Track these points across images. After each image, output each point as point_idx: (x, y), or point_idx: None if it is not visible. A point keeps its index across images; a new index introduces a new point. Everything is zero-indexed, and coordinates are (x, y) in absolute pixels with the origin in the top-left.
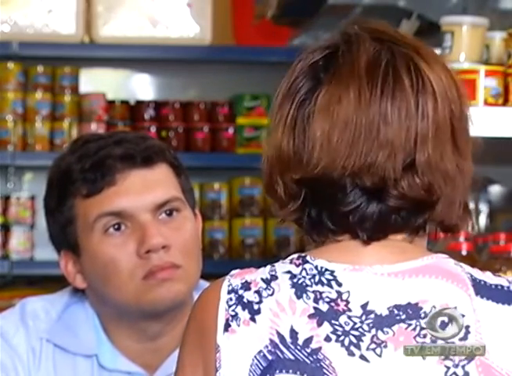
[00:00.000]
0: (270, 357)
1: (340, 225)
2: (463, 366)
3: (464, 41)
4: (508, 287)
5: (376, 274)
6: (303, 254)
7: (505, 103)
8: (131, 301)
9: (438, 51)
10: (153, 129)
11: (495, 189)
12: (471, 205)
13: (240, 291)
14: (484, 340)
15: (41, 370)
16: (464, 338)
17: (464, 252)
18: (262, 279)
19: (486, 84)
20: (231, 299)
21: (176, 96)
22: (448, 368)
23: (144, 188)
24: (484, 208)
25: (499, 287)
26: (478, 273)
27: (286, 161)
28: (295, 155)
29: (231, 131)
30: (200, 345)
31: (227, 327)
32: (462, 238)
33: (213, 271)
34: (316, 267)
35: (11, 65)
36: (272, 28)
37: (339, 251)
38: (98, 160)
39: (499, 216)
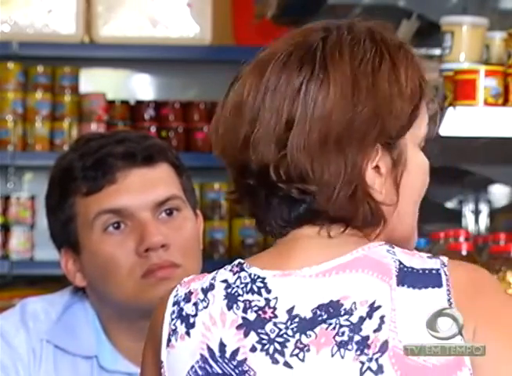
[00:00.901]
0: (200, 373)
1: (254, 215)
2: (376, 360)
3: (464, 41)
4: (437, 270)
5: (304, 276)
6: (242, 261)
7: (505, 103)
8: (130, 299)
9: (437, 51)
10: (153, 129)
11: (496, 189)
12: (471, 206)
13: (182, 303)
14: (398, 328)
15: (41, 371)
16: (379, 329)
17: (464, 252)
18: (202, 289)
19: (486, 84)
20: (173, 312)
21: (176, 96)
22: (363, 363)
23: (144, 186)
24: (484, 208)
25: (427, 271)
26: (409, 259)
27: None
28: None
29: None
30: (155, 360)
31: (168, 342)
32: (462, 238)
33: (213, 271)
34: (250, 275)
35: (11, 65)
36: (272, 28)
37: (271, 257)
38: (99, 158)
39: (499, 216)
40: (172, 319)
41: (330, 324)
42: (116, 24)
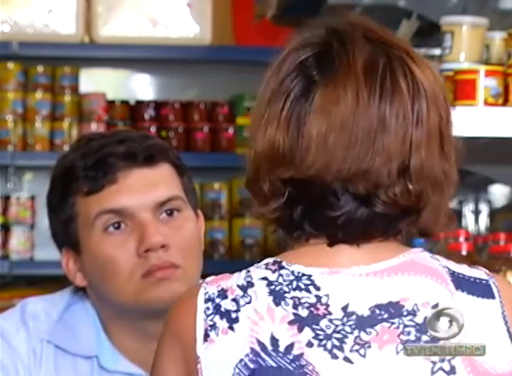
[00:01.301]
0: (252, 366)
1: (323, 228)
2: (449, 361)
3: (464, 41)
4: (487, 281)
5: (355, 275)
6: (278, 260)
7: (505, 103)
8: (129, 299)
9: (437, 51)
10: (153, 129)
11: (496, 189)
12: (471, 206)
13: (217, 300)
14: (469, 334)
15: (41, 371)
16: None
17: (464, 252)
18: (238, 286)
19: (486, 84)
20: (208, 309)
21: (176, 96)
22: (435, 363)
23: (145, 186)
24: (484, 208)
25: (478, 280)
26: (455, 266)
27: (277, 158)
28: (288, 153)
29: (231, 131)
30: (182, 358)
31: (206, 337)
32: (462, 238)
33: (213, 271)
34: (293, 272)
35: (11, 65)
36: (272, 28)
37: (314, 255)
38: (100, 157)
39: (499, 216)
40: (208, 316)
41: (393, 323)
42: (116, 24)
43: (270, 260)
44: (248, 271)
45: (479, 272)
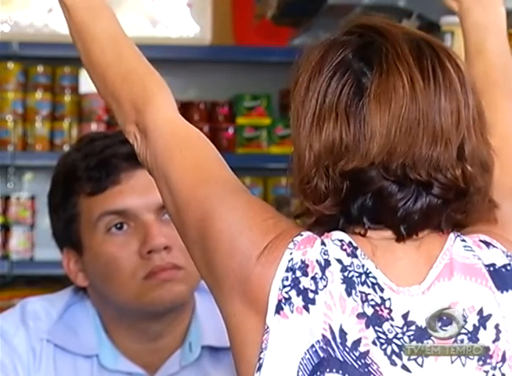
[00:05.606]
0: (322, 354)
1: (383, 221)
2: (499, 368)
3: None
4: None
5: (413, 295)
6: (354, 244)
7: None
8: (131, 300)
9: None
10: None
11: None
12: None
13: (298, 273)
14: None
15: (41, 370)
16: (497, 339)
17: None
18: (318, 262)
19: None
20: (287, 279)
21: (176, 96)
22: (487, 372)
23: (148, 188)
24: None
25: (508, 267)
26: (482, 253)
27: (339, 151)
28: (351, 145)
29: (231, 131)
30: (247, 304)
31: (279, 309)
32: None
33: None
34: (363, 266)
35: (11, 65)
36: (272, 28)
37: (378, 255)
38: (103, 158)
39: None
40: (284, 286)
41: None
42: None
43: (345, 238)
44: (323, 243)
45: (502, 258)
